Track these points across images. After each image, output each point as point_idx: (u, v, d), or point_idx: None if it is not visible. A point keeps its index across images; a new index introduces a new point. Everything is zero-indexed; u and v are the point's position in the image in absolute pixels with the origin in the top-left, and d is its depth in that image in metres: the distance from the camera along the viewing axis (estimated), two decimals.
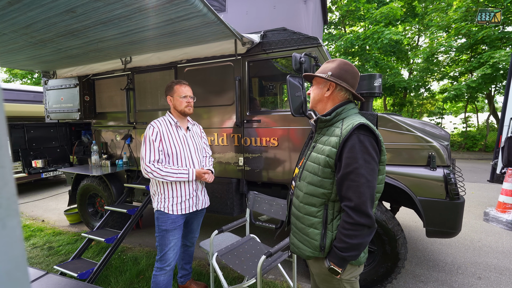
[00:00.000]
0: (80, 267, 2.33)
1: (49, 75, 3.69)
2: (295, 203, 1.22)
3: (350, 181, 1.01)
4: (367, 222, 1.00)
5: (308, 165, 1.17)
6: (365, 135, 1.03)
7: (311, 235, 1.13)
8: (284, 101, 3.93)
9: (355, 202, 1.00)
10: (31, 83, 15.14)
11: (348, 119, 1.11)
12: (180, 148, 1.88)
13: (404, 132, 2.16)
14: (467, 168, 7.52)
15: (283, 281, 2.44)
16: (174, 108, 1.94)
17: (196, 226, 2.17)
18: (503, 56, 7.88)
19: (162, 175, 1.76)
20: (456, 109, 19.03)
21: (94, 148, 3.45)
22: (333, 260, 1.07)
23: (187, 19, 1.89)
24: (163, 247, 1.86)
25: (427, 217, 2.08)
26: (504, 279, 2.46)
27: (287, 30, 2.44)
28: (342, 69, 1.13)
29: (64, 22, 1.85)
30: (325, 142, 1.12)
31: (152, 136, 1.79)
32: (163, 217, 1.86)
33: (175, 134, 1.89)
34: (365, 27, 12.43)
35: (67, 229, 3.82)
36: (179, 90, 1.90)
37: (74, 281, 1.34)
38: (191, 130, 2.03)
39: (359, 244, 1.02)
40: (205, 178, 1.92)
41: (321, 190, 1.10)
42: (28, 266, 0.30)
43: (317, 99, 1.21)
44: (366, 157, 1.01)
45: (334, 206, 1.11)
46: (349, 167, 1.01)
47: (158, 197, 1.88)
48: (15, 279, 0.27)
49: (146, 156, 1.77)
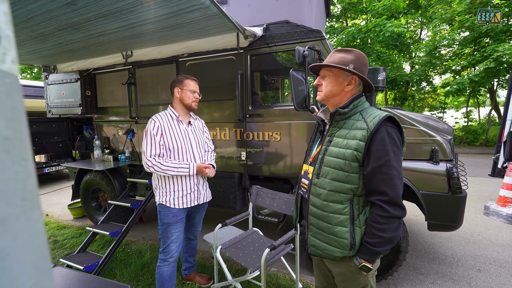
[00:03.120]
0: (85, 260, 2.36)
1: (49, 69, 3.67)
2: (316, 203, 1.15)
3: (382, 174, 0.99)
4: (401, 214, 1.00)
5: (328, 160, 1.10)
6: (392, 127, 1.03)
7: (340, 234, 1.07)
8: (285, 95, 3.91)
9: (390, 195, 0.99)
10: (31, 78, 15.06)
11: (366, 111, 1.09)
12: (181, 142, 1.88)
13: (407, 126, 2.16)
14: (468, 162, 7.52)
15: (285, 274, 2.47)
16: (180, 101, 1.93)
17: (198, 219, 2.19)
18: (507, 49, 7.79)
19: (163, 169, 1.77)
20: (458, 104, 18.94)
21: (97, 143, 3.45)
22: (365, 257, 1.04)
23: (189, 12, 1.86)
24: (166, 240, 1.89)
25: (429, 211, 2.09)
26: (504, 272, 2.49)
27: (290, 23, 2.40)
28: (362, 62, 1.09)
29: (65, 15, 1.83)
30: (346, 135, 1.08)
31: (153, 131, 1.80)
32: (164, 210, 1.88)
33: (176, 128, 1.89)
34: (367, 20, 12.26)
35: (71, 223, 3.87)
36: (189, 84, 1.92)
37: (81, 273, 1.37)
38: (193, 124, 2.03)
39: (393, 237, 1.01)
40: (206, 172, 1.92)
41: (348, 185, 1.06)
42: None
43: (335, 93, 1.13)
44: (395, 149, 1.01)
45: (359, 201, 1.08)
46: (381, 160, 0.99)
47: (159, 191, 1.90)
48: (41, 270, 0.27)
49: (147, 150, 1.78)
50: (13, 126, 0.25)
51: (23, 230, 0.25)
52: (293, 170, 2.53)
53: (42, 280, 0.27)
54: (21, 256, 0.25)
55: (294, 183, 2.68)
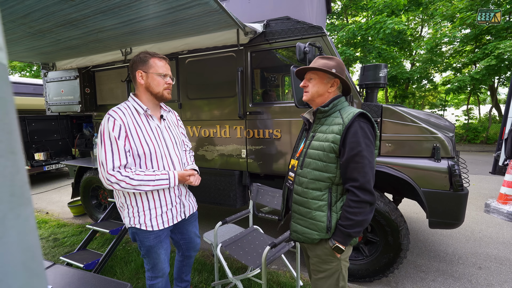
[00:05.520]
0: (85, 258, 2.35)
1: (48, 67, 3.64)
2: (298, 190, 1.28)
3: (355, 163, 1.11)
4: (370, 199, 1.11)
5: (310, 153, 1.24)
6: (364, 122, 1.16)
7: (318, 217, 1.20)
8: (285, 93, 3.89)
9: (360, 182, 1.10)
10: (30, 75, 15.01)
11: (345, 109, 1.23)
12: (154, 144, 1.41)
13: (408, 123, 2.14)
14: (468, 160, 7.50)
15: (286, 271, 2.47)
16: (146, 89, 1.43)
17: (193, 234, 1.76)
18: (508, 47, 7.75)
19: (134, 185, 1.31)
20: (458, 101, 18.90)
21: (96, 140, 3.44)
22: (338, 238, 1.16)
23: (188, 8, 1.84)
24: (152, 260, 1.52)
25: (431, 208, 2.08)
26: (504, 269, 2.49)
27: (291, 19, 2.38)
28: (341, 68, 1.25)
29: (63, 11, 1.80)
30: (326, 130, 1.21)
31: (113, 132, 1.30)
32: (142, 233, 1.44)
33: (145, 127, 1.41)
34: (368, 17, 12.19)
35: (71, 221, 3.86)
36: (157, 65, 1.42)
37: (81, 271, 1.36)
38: (166, 119, 1.57)
39: (363, 220, 1.12)
40: (191, 181, 1.52)
41: (326, 174, 1.19)
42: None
43: (320, 93, 1.27)
44: (367, 141, 1.13)
45: (337, 189, 1.20)
46: (354, 151, 1.11)
47: (128, 211, 1.43)
48: (31, 270, 0.26)
49: (108, 161, 1.28)
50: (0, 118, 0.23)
51: (12, 227, 0.24)
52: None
53: (32, 280, 0.26)
54: (8, 256, 0.23)
55: None
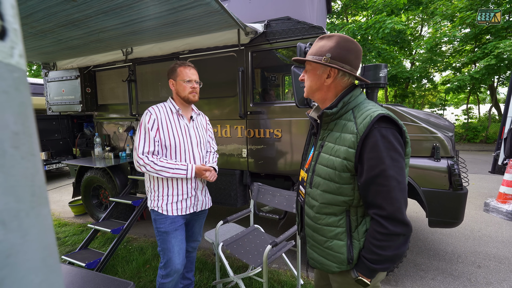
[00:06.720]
0: (87, 257, 2.37)
1: (49, 66, 3.65)
2: (309, 214, 1.04)
3: (378, 186, 0.84)
4: (403, 231, 0.85)
5: (319, 169, 0.98)
6: (387, 128, 0.85)
7: (336, 248, 0.96)
8: (285, 92, 3.90)
9: (388, 211, 0.84)
10: (30, 75, 15.01)
11: (359, 108, 0.93)
12: (180, 139, 1.64)
13: (408, 123, 2.15)
14: (468, 159, 7.53)
15: (286, 270, 2.49)
16: (176, 94, 1.70)
17: (197, 229, 1.93)
18: (508, 46, 7.76)
19: (156, 170, 1.54)
20: (457, 101, 18.92)
21: (97, 140, 3.45)
22: (362, 271, 0.91)
23: (190, 8, 1.85)
24: (167, 252, 1.65)
25: (430, 207, 2.10)
26: (503, 268, 2.51)
27: (292, 19, 2.39)
28: (343, 48, 0.92)
29: (65, 12, 1.81)
30: (337, 140, 0.94)
31: (148, 124, 1.57)
32: (160, 217, 1.65)
33: (175, 123, 1.65)
34: (368, 17, 12.19)
35: (72, 220, 3.87)
36: (182, 73, 1.65)
37: (84, 270, 1.38)
38: (195, 120, 1.78)
39: (394, 255, 0.86)
40: (206, 176, 1.68)
41: (340, 198, 0.93)
42: None
43: (314, 88, 1.00)
44: (392, 154, 0.84)
45: (357, 212, 0.94)
46: (375, 170, 0.84)
47: (152, 195, 1.67)
48: (50, 266, 0.27)
49: (140, 146, 1.55)
50: (21, 121, 0.25)
51: (33, 226, 0.25)
52: (294, 167, 2.53)
53: (50, 276, 0.27)
54: (31, 253, 0.24)
55: (295, 180, 2.68)
